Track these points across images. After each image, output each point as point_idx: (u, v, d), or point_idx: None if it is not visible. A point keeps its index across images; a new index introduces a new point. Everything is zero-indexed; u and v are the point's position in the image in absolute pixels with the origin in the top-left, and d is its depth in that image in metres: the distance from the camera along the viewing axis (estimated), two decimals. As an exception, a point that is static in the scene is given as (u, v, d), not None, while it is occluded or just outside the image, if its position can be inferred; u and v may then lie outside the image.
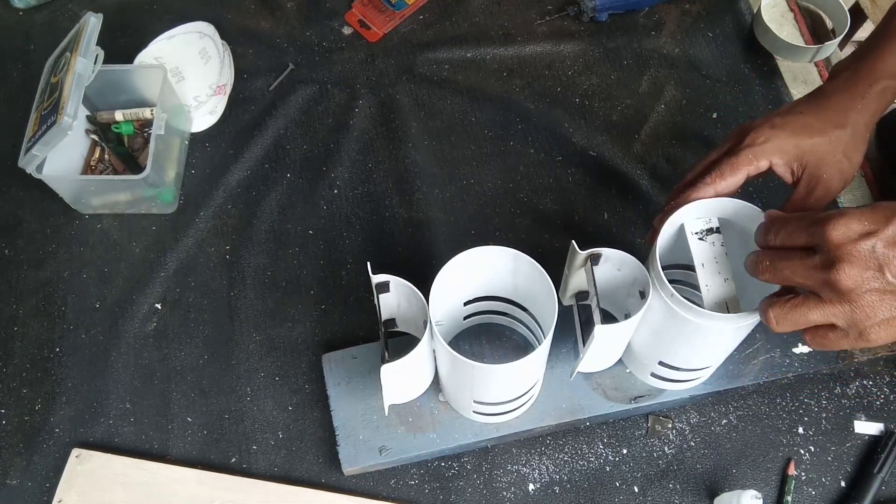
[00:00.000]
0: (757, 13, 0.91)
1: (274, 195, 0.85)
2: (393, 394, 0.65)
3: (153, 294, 0.80)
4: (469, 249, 0.61)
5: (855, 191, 0.84)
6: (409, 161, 0.86)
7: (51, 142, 0.74)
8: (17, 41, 0.96)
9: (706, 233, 0.62)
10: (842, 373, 0.74)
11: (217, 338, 0.78)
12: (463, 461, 0.72)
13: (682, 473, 0.71)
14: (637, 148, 0.86)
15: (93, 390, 0.76)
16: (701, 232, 0.62)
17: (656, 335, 0.64)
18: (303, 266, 0.81)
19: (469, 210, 0.84)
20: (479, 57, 0.93)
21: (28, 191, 0.85)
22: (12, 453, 0.74)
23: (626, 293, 0.67)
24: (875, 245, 0.48)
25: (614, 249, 0.62)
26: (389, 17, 0.95)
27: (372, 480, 0.71)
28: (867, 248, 0.48)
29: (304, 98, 0.91)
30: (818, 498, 0.70)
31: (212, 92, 0.89)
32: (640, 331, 0.66)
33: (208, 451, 0.73)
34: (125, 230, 0.84)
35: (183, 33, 0.91)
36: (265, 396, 0.75)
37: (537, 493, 0.71)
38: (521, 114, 0.89)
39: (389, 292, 0.64)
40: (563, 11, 0.95)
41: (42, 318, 0.79)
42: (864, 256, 0.48)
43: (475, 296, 0.69)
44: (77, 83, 0.75)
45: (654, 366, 0.68)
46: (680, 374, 0.68)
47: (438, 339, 0.58)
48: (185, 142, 0.87)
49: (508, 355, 0.74)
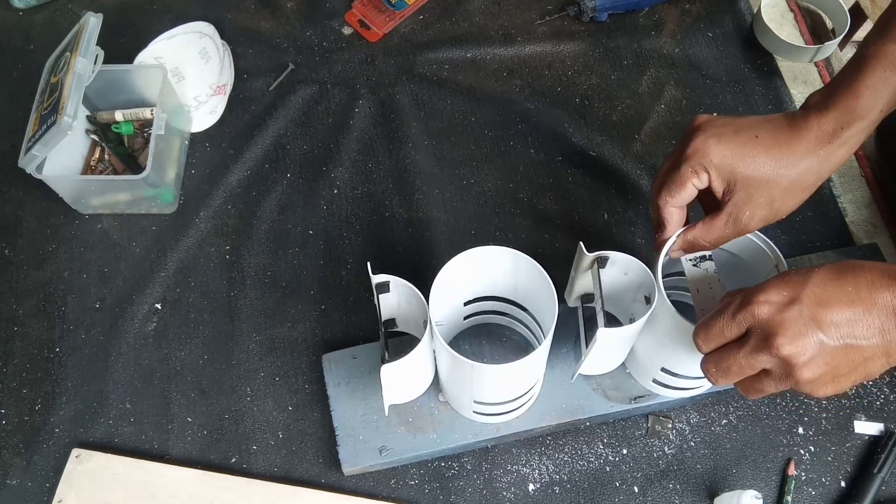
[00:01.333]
0: (757, 13, 0.91)
1: (274, 195, 0.85)
2: (393, 394, 0.65)
3: (153, 294, 0.80)
4: (469, 249, 0.61)
5: (855, 191, 0.84)
6: (409, 161, 0.86)
7: (51, 142, 0.74)
8: (17, 41, 0.96)
9: (699, 260, 0.64)
10: (842, 373, 0.74)
11: (217, 338, 0.78)
12: (463, 461, 0.72)
13: (682, 473, 0.71)
14: (637, 148, 0.86)
15: (93, 390, 0.76)
16: (695, 259, 0.64)
17: (660, 342, 0.64)
18: (303, 266, 0.81)
19: (469, 210, 0.84)
20: (479, 57, 0.93)
21: (28, 191, 0.85)
22: (12, 453, 0.74)
23: (633, 297, 0.67)
24: (801, 309, 0.50)
25: (621, 253, 0.62)
26: (389, 17, 0.95)
27: (372, 480, 0.71)
28: (795, 313, 0.50)
29: (304, 98, 0.91)
30: (818, 498, 0.70)
31: (212, 92, 0.89)
32: (644, 336, 0.66)
33: (208, 451, 0.73)
34: (125, 230, 0.84)
35: (183, 33, 0.91)
36: (265, 396, 0.75)
37: (537, 493, 0.71)
38: (521, 114, 0.89)
39: (389, 292, 0.64)
40: (563, 11, 0.95)
41: (42, 318, 0.79)
42: (795, 321, 0.50)
43: (475, 296, 0.69)
44: (77, 83, 0.75)
45: (657, 372, 0.68)
46: (682, 382, 0.68)
47: (438, 339, 0.58)
48: (185, 142, 0.87)
49: (508, 355, 0.74)
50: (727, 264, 0.66)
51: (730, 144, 0.58)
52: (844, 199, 0.84)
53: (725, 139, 0.59)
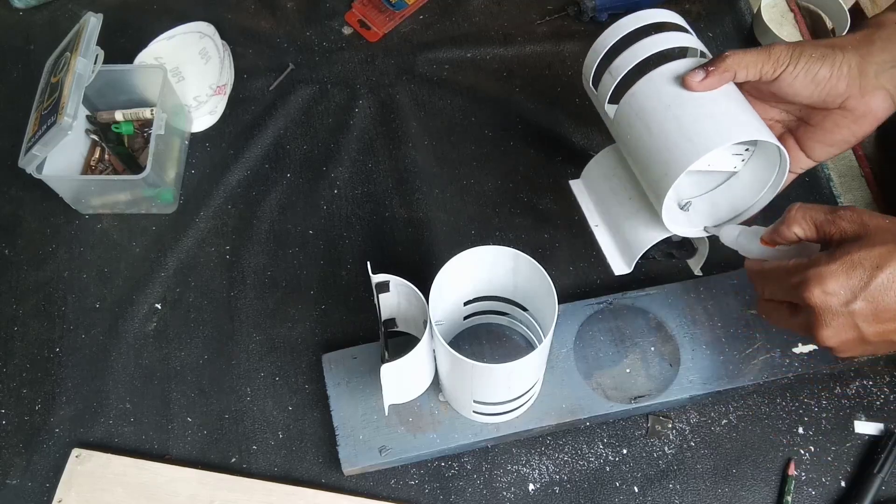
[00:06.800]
0: (757, 13, 0.91)
1: (274, 195, 0.85)
2: (393, 394, 0.65)
3: (153, 294, 0.80)
4: (469, 249, 0.61)
5: (855, 191, 0.84)
6: (409, 161, 0.86)
7: (51, 142, 0.74)
8: (17, 41, 0.96)
9: None
10: (842, 373, 0.74)
11: (217, 338, 0.78)
12: (463, 461, 0.72)
13: (682, 473, 0.71)
14: (637, 148, 0.86)
15: (93, 390, 0.76)
16: None
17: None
18: (303, 266, 0.81)
19: (469, 210, 0.84)
20: (479, 57, 0.93)
21: (28, 191, 0.85)
22: (12, 453, 0.73)
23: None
24: (854, 313, 0.51)
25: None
26: (389, 17, 0.95)
27: (372, 480, 0.71)
28: (847, 316, 0.52)
29: (304, 98, 0.91)
30: (818, 498, 0.70)
31: (212, 92, 0.89)
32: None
33: (208, 451, 0.73)
34: (125, 230, 0.84)
35: (183, 33, 0.91)
36: (265, 396, 0.75)
37: (537, 493, 0.71)
38: (521, 114, 0.89)
39: (389, 292, 0.64)
40: (563, 11, 0.95)
41: (42, 318, 0.79)
42: (845, 324, 0.52)
43: (475, 296, 0.69)
44: (77, 83, 0.75)
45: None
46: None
47: (438, 338, 0.59)
48: (185, 142, 0.87)
49: (508, 355, 0.74)
50: None
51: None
52: (845, 199, 0.84)
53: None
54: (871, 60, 0.59)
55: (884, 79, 0.59)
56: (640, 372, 0.72)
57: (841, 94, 0.59)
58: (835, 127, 0.61)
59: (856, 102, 0.59)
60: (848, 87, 0.59)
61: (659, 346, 0.73)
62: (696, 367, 0.72)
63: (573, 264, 0.80)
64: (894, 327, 0.52)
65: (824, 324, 0.52)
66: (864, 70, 0.59)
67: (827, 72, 0.59)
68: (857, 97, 0.59)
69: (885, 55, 0.59)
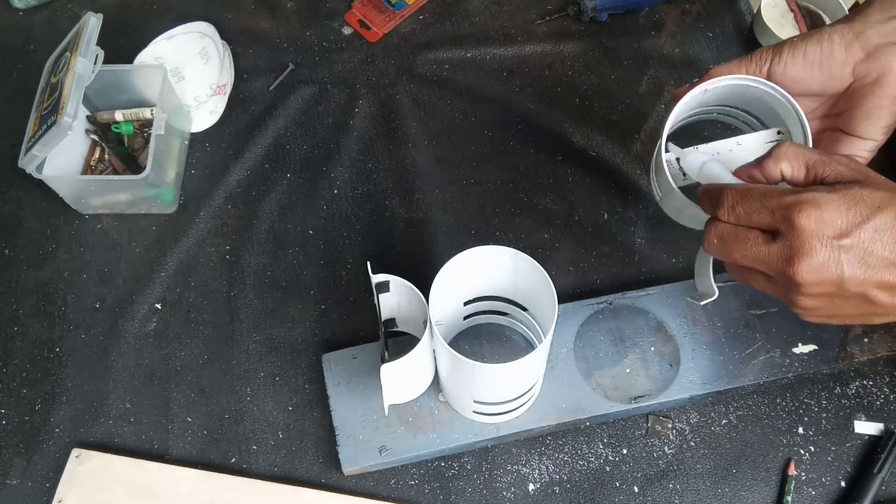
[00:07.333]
0: (757, 13, 0.91)
1: (274, 195, 0.85)
2: (393, 394, 0.65)
3: (153, 294, 0.80)
4: (469, 249, 0.61)
5: None
6: (409, 161, 0.86)
7: (51, 142, 0.74)
8: (17, 41, 0.95)
9: None
10: (842, 373, 0.74)
11: (217, 338, 0.78)
12: (463, 461, 0.72)
13: (682, 473, 0.71)
14: (637, 148, 0.86)
15: (93, 390, 0.76)
16: None
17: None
18: (303, 266, 0.81)
19: (469, 210, 0.84)
20: (479, 57, 0.93)
21: (28, 191, 0.85)
22: (12, 453, 0.74)
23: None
24: (843, 249, 0.46)
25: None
26: (389, 17, 0.95)
27: (372, 480, 0.71)
28: (835, 250, 0.46)
29: (304, 98, 0.91)
30: (818, 498, 0.70)
31: (212, 92, 0.89)
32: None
33: (208, 451, 0.73)
34: (125, 230, 0.84)
35: (183, 33, 0.91)
36: (265, 396, 0.75)
37: (537, 493, 0.71)
38: (521, 114, 0.89)
39: (389, 292, 0.64)
40: (563, 11, 0.95)
41: (42, 318, 0.79)
42: (829, 260, 0.46)
43: (475, 296, 0.70)
44: (77, 83, 0.75)
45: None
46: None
47: (438, 338, 0.59)
48: (185, 142, 0.87)
49: (508, 355, 0.74)
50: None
51: None
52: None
53: None
54: (868, 22, 0.57)
55: (887, 33, 0.57)
56: (640, 372, 0.72)
57: (842, 62, 0.57)
58: (862, 99, 0.58)
59: (865, 66, 0.57)
60: (847, 53, 0.57)
61: (659, 346, 0.73)
62: (696, 367, 0.72)
63: (573, 264, 0.80)
64: (876, 280, 0.47)
65: (807, 252, 0.46)
66: (861, 33, 0.57)
67: (815, 46, 0.57)
68: (864, 61, 0.57)
69: (881, 14, 0.57)
